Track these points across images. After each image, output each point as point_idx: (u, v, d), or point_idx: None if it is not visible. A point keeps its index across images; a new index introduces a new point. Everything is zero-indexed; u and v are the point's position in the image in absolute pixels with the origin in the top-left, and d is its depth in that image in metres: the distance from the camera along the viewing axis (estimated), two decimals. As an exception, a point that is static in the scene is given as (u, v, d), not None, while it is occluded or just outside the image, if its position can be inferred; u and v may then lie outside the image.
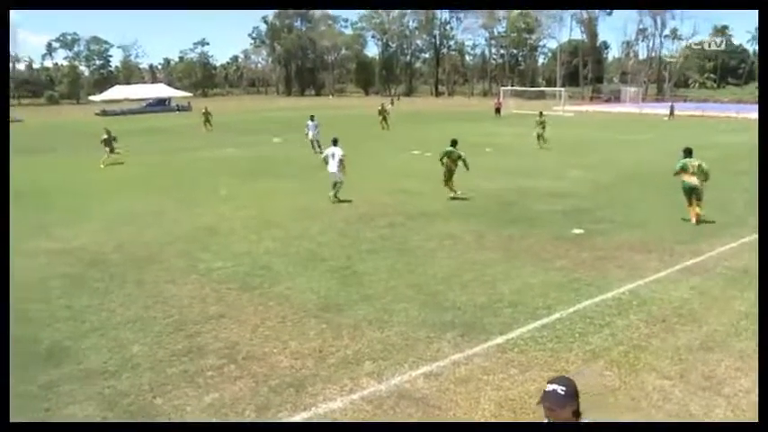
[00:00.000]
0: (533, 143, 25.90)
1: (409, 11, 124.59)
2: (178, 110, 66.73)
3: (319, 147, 23.67)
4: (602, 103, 72.25)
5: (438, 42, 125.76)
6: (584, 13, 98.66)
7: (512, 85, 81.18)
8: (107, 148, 22.33)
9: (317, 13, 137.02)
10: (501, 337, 6.71)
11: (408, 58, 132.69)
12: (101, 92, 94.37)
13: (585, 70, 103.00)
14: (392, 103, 71.15)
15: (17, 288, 8.19)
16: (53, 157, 25.49)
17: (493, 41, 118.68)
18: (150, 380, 5.89)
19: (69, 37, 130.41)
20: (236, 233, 11.55)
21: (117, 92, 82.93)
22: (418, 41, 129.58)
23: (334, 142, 14.52)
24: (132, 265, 9.64)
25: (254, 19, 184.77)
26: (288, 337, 6.83)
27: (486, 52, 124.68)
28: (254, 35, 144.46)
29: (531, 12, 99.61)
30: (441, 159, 14.53)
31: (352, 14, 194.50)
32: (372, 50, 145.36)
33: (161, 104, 73.97)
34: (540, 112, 27.42)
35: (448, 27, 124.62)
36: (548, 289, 8.21)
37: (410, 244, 10.61)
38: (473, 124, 39.79)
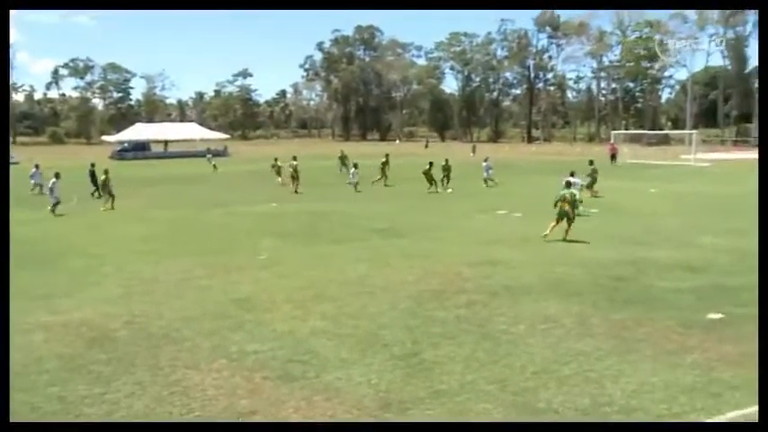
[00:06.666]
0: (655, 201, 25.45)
1: (497, 37, 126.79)
2: (209, 154, 61.50)
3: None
4: (749, 150, 70.12)
5: (532, 75, 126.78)
6: (730, 32, 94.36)
7: (626, 128, 79.83)
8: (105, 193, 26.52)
9: (384, 40, 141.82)
10: (610, 452, 6.55)
11: (495, 94, 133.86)
12: (117, 130, 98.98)
13: (728, 106, 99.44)
14: (473, 151, 72.10)
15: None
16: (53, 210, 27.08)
17: (602, 73, 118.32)
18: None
19: (81, 63, 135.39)
20: (277, 308, 11.80)
21: (137, 131, 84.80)
22: (507, 74, 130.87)
23: None
24: (145, 345, 9.90)
25: (308, 47, 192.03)
26: (337, 441, 6.89)
27: (594, 87, 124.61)
28: (306, 66, 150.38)
29: (655, 34, 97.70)
30: (555, 204, 18.02)
31: (427, 42, 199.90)
32: (451, 85, 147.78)
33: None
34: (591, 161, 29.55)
35: (545, 56, 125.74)
36: (674, 392, 7.93)
37: (493, 327, 10.53)
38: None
